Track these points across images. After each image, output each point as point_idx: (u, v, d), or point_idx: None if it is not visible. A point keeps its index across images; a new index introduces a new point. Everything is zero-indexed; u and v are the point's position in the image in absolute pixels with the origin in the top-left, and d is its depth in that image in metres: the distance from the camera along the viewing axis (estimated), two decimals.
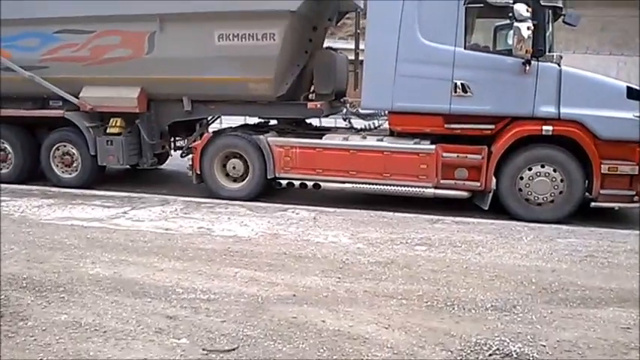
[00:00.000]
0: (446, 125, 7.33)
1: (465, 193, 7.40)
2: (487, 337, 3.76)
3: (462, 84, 7.15)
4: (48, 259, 5.27)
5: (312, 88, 8.55)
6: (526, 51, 6.75)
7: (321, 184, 7.85)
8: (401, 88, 7.36)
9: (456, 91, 7.17)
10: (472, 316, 4.10)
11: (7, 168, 9.24)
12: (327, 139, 7.92)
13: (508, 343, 3.69)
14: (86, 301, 4.29)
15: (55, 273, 4.88)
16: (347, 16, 9.35)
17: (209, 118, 9.49)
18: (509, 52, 7.00)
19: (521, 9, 6.60)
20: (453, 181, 7.37)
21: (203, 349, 3.57)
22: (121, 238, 5.93)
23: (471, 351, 3.59)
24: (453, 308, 4.23)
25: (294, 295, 4.41)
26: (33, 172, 9.28)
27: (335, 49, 8.50)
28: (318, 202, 8.00)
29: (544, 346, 3.67)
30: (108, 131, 8.74)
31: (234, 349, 3.56)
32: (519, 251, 5.66)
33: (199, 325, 3.89)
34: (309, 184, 7.90)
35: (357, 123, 8.74)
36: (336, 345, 3.63)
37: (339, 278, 4.79)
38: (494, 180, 7.24)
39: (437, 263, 5.22)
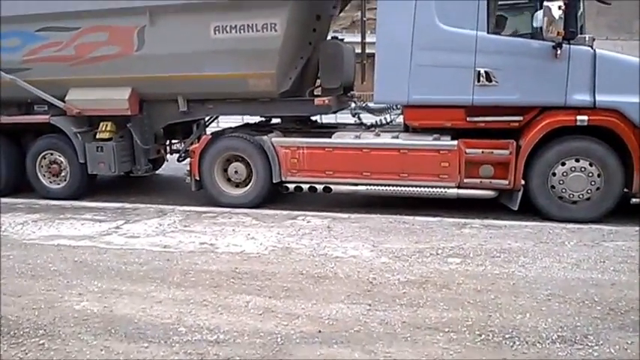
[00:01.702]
0: (468, 118, 6.51)
1: (491, 193, 6.60)
2: None
3: (485, 72, 6.32)
4: (28, 290, 4.44)
5: (318, 83, 7.71)
6: (557, 33, 5.95)
7: (332, 187, 7.03)
8: (418, 79, 6.53)
9: (479, 80, 6.35)
10: (539, 353, 3.31)
11: None
12: (337, 138, 7.10)
13: None
14: (70, 349, 3.48)
15: (34, 310, 4.06)
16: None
17: (207, 119, 8.63)
18: (537, 36, 6.20)
19: None
20: (477, 180, 6.56)
21: None
22: (113, 261, 5.10)
23: None
24: (514, 342, 3.43)
25: (320, 332, 3.60)
26: (19, 184, 8.42)
27: (341, 39, 7.66)
28: (329, 206, 7.18)
29: None
30: (97, 136, 7.88)
31: None
32: (567, 260, 4.87)
33: None
34: (319, 187, 7.07)
35: (367, 118, 7.92)
36: None
37: (370, 305, 3.98)
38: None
39: (478, 280, 4.42)
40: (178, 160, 8.35)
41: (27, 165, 8.18)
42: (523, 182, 6.42)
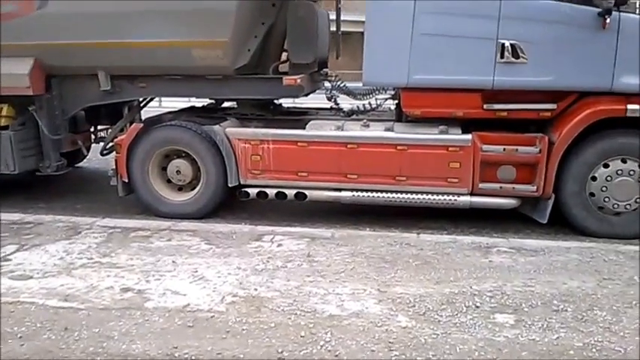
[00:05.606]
0: (485, 105, 4.76)
1: (513, 202, 4.90)
2: None
3: (511, 45, 4.56)
4: None
5: (284, 57, 5.72)
6: None
7: (307, 192, 5.13)
8: (421, 53, 4.70)
9: (502, 56, 4.58)
10: None
11: None
12: (314, 129, 5.16)
13: None
14: None
15: None
16: None
17: (141, 100, 6.45)
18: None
19: None
20: (496, 185, 4.85)
21: None
22: None
23: None
24: None
25: None
26: None
27: (314, 1, 5.68)
28: (301, 216, 5.34)
29: None
30: None
31: None
32: None
33: None
34: (290, 193, 5.16)
35: (345, 102, 6.05)
36: None
37: None
38: None
39: None
40: (101, 154, 6.16)
41: None
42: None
